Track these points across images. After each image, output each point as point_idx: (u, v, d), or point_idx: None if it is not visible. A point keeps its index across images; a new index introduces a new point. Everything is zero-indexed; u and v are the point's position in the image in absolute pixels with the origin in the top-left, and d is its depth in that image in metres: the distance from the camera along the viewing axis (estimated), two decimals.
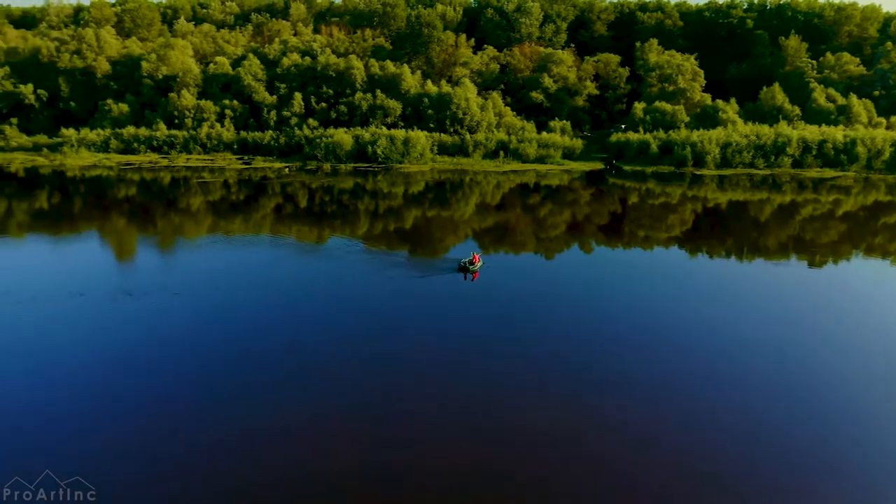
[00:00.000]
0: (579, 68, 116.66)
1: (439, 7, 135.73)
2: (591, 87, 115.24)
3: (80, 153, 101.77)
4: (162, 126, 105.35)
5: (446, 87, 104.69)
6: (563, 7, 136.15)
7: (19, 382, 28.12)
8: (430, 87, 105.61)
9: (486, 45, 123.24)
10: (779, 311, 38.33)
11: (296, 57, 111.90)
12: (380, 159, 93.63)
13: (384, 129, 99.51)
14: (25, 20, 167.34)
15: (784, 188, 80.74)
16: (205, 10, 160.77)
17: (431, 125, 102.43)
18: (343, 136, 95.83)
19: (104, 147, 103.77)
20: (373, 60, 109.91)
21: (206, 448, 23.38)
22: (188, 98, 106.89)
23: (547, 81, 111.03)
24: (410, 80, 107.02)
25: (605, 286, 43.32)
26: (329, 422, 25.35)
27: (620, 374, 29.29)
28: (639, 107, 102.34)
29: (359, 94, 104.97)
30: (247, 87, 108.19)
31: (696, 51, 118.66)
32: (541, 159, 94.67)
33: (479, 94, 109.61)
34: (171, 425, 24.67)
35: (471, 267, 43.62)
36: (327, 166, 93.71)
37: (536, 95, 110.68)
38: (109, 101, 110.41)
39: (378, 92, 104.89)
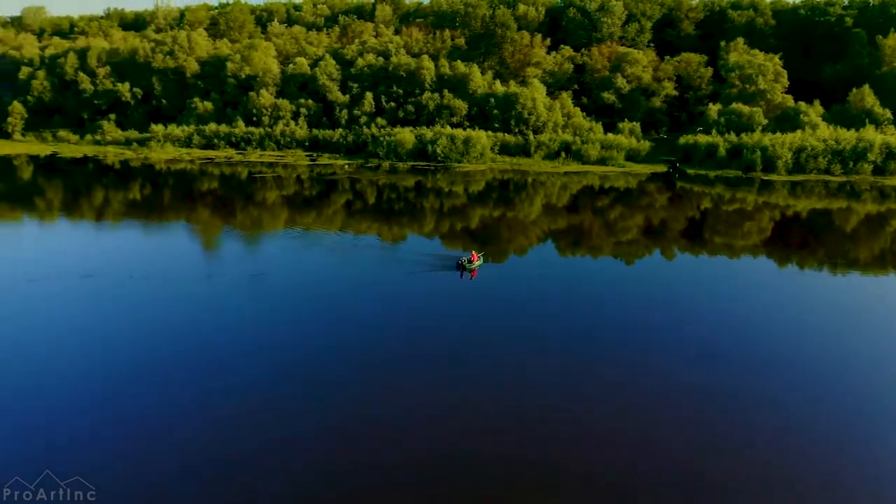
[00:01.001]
0: (658, 68, 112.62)
1: (521, 7, 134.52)
2: (669, 88, 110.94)
3: (164, 148, 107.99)
4: (241, 123, 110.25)
5: (514, 87, 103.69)
6: (649, 6, 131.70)
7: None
8: (498, 87, 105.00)
9: (562, 46, 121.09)
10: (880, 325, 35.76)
11: (371, 57, 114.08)
12: (439, 158, 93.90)
13: (448, 128, 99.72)
14: (137, 23, 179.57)
15: (863, 196, 74.59)
16: (298, 13, 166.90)
17: (496, 125, 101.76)
18: (405, 135, 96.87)
19: (187, 142, 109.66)
20: (443, 60, 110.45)
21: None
22: (266, 97, 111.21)
23: (620, 82, 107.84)
24: (479, 80, 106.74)
25: (690, 294, 41.16)
26: (371, 424, 24.88)
27: (716, 384, 27.96)
28: (713, 108, 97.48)
29: (427, 94, 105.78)
30: (321, 87, 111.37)
31: (790, 51, 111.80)
32: (602, 161, 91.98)
33: (549, 94, 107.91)
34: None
35: (468, 265, 43.08)
36: (386, 164, 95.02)
37: (608, 96, 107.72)
38: (196, 99, 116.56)
39: (445, 92, 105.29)
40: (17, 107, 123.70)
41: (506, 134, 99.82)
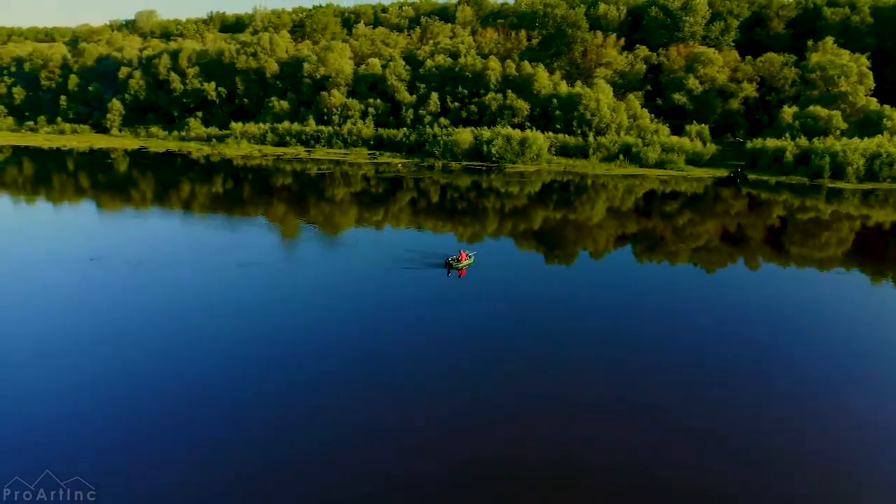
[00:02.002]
0: (737, 69, 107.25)
1: (601, 6, 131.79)
2: (749, 90, 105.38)
3: (240, 144, 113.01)
4: (312, 122, 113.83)
5: (578, 88, 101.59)
6: (737, 4, 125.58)
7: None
8: (561, 88, 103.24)
9: (637, 46, 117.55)
10: None
11: (441, 58, 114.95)
12: (493, 158, 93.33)
13: (508, 128, 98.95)
14: (237, 25, 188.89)
15: None
16: (384, 15, 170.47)
17: (558, 126, 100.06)
18: (462, 135, 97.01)
19: (262, 139, 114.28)
20: (509, 61, 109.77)
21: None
22: (337, 96, 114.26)
23: (692, 82, 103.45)
24: (544, 80, 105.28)
25: (788, 311, 37.39)
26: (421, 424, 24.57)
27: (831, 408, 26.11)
28: (788, 112, 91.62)
29: (490, 94, 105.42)
30: (390, 87, 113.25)
31: (890, 51, 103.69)
32: (660, 164, 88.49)
33: (618, 95, 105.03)
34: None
35: (455, 264, 42.70)
36: (439, 164, 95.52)
37: (679, 97, 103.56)
38: (274, 98, 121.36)
39: (509, 92, 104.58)
40: (115, 104, 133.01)
41: (566, 135, 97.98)
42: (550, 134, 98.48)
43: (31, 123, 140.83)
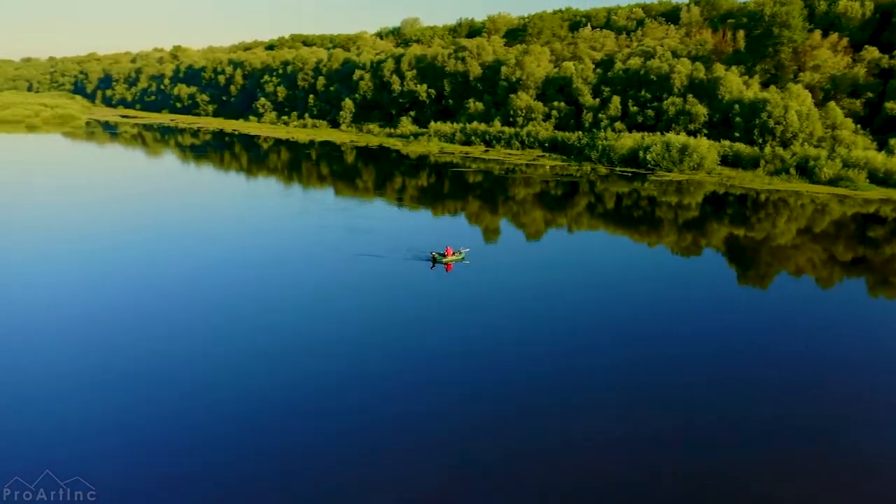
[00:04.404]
0: None
1: (841, 4, 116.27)
2: None
3: (430, 143, 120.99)
4: (497, 123, 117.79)
5: (766, 94, 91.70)
6: None
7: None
8: (747, 94, 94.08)
9: (866, 47, 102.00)
10: None
11: (634, 61, 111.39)
12: (648, 165, 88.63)
13: (678, 135, 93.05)
14: (475, 31, 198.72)
15: None
16: (615, 17, 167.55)
17: (737, 134, 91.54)
18: (622, 140, 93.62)
19: (451, 139, 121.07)
20: (698, 64, 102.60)
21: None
22: (525, 99, 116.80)
23: None
24: (731, 84, 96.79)
25: None
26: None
27: None
28: None
29: (670, 99, 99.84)
30: (575, 90, 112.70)
31: None
32: (833, 182, 76.65)
33: (820, 102, 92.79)
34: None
35: (440, 258, 44.16)
36: (587, 167, 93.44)
37: (892, 106, 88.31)
38: (472, 100, 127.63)
39: (690, 97, 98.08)
40: (347, 103, 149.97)
41: (740, 144, 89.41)
42: (726, 142, 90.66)
43: (285, 118, 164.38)
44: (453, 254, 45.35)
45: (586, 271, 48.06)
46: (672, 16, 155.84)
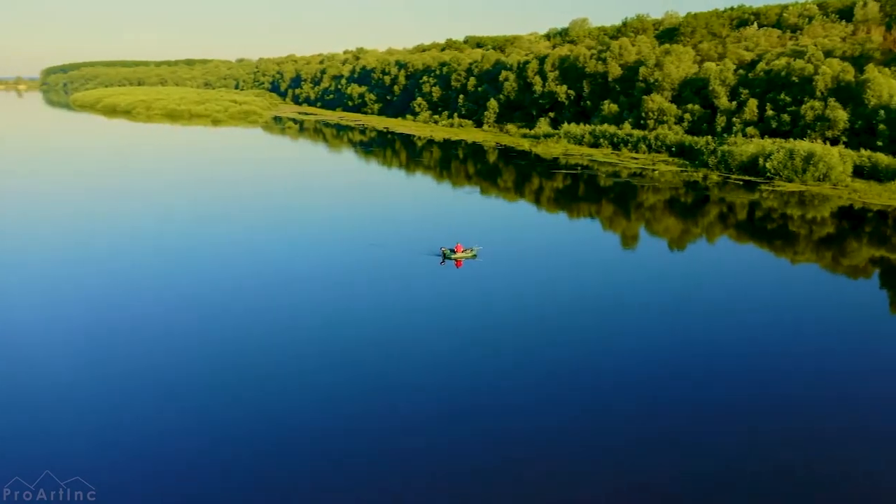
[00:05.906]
0: None
1: None
2: None
3: (559, 144, 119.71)
4: (627, 125, 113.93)
5: None
6: None
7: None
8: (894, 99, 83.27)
9: None
10: None
11: (780, 61, 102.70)
12: (768, 174, 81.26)
13: (819, 142, 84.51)
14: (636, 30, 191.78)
15: None
16: (785, 15, 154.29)
17: (879, 143, 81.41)
18: (743, 146, 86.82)
19: (580, 140, 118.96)
20: (846, 65, 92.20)
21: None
22: (658, 101, 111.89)
23: None
24: (879, 88, 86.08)
25: None
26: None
27: None
28: None
29: (809, 103, 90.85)
30: (711, 92, 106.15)
31: None
32: None
33: None
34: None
35: (450, 254, 45.11)
36: (700, 174, 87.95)
37: None
38: (607, 101, 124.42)
39: (832, 101, 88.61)
40: (492, 103, 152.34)
41: (881, 154, 79.39)
42: (865, 152, 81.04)
43: (437, 117, 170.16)
44: (463, 251, 46.00)
45: (710, 287, 45.60)
46: (847, 13, 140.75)
